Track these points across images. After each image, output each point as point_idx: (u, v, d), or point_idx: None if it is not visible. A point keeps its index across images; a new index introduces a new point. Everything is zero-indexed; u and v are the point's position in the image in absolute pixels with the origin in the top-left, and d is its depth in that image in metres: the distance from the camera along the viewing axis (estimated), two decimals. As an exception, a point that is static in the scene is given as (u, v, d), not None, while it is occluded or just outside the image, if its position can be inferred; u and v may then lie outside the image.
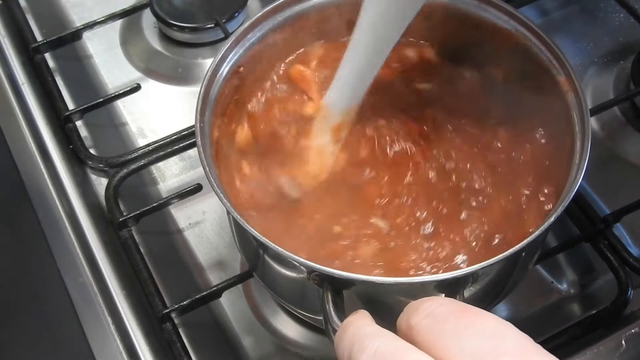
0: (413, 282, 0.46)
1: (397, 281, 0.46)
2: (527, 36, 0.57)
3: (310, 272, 0.46)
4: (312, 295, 0.51)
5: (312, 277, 0.47)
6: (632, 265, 0.63)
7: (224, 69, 0.57)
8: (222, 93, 0.56)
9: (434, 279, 0.46)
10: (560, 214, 0.47)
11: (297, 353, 0.65)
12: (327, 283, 0.46)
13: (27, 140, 0.70)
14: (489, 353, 0.35)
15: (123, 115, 0.79)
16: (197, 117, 0.53)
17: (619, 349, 0.57)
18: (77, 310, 0.59)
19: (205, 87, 0.55)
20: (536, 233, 0.46)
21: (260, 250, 0.53)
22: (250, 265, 0.58)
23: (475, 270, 0.45)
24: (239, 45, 0.58)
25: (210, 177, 0.49)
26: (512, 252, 0.45)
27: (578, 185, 0.49)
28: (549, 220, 0.47)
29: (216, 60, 0.56)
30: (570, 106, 0.54)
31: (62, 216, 0.65)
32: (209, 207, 0.72)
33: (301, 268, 0.47)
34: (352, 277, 0.45)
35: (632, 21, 0.80)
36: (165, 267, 0.67)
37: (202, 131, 0.53)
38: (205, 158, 0.51)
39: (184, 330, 0.62)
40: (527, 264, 0.57)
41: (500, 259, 0.45)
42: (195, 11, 0.82)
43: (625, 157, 0.75)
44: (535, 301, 0.67)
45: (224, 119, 0.57)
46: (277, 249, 0.46)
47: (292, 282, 0.53)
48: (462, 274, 0.45)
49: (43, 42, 0.78)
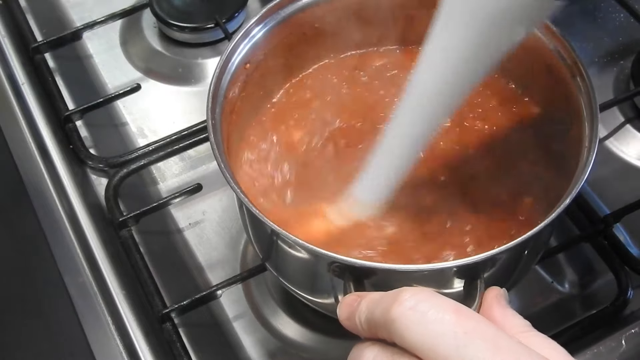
0: (434, 268, 0.46)
1: (418, 268, 0.46)
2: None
3: (330, 263, 0.46)
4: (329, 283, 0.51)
5: (333, 268, 0.47)
6: (632, 265, 0.63)
7: (232, 65, 0.57)
8: (231, 89, 0.56)
9: (455, 264, 0.45)
10: (575, 196, 0.47)
11: (297, 353, 0.65)
12: (348, 273, 0.46)
13: (27, 140, 0.70)
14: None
15: (123, 115, 0.79)
16: (209, 114, 0.53)
17: (619, 349, 0.57)
18: (77, 310, 0.59)
19: (214, 83, 0.55)
20: (555, 213, 0.46)
21: (276, 241, 0.53)
22: (263, 256, 0.58)
23: (495, 254, 0.45)
24: (247, 40, 0.58)
25: (226, 173, 0.49)
26: (531, 234, 0.45)
27: (590, 167, 0.49)
28: (565, 202, 0.47)
29: (225, 55, 0.56)
30: (577, 91, 0.54)
31: (62, 216, 0.65)
32: (209, 207, 0.72)
33: (321, 259, 0.47)
34: (373, 266, 0.45)
35: (632, 21, 0.79)
36: (165, 267, 0.67)
37: (214, 128, 0.53)
38: (220, 155, 0.51)
39: (184, 330, 0.62)
40: (531, 260, 0.57)
41: (521, 242, 0.45)
42: (195, 11, 0.82)
43: (625, 157, 0.75)
44: (535, 301, 0.67)
45: (233, 115, 0.57)
46: (299, 241, 0.46)
47: (307, 270, 0.53)
48: (481, 258, 0.45)
49: (43, 42, 0.78)
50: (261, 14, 0.58)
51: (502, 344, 0.36)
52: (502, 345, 0.36)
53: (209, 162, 0.75)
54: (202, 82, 0.81)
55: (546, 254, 0.64)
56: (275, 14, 0.59)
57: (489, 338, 0.36)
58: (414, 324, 0.36)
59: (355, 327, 0.41)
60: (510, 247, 0.45)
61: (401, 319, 0.37)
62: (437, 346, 0.36)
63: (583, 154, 0.51)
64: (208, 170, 0.74)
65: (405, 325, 0.36)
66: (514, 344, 0.37)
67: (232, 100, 0.57)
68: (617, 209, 0.65)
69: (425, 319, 0.36)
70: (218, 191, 0.73)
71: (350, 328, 0.42)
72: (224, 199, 0.72)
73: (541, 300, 0.67)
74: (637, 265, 0.63)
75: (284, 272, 0.56)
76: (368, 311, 0.40)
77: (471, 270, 0.46)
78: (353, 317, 0.41)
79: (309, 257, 0.50)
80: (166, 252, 0.70)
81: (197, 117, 0.73)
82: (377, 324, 0.39)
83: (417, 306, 0.37)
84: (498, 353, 0.35)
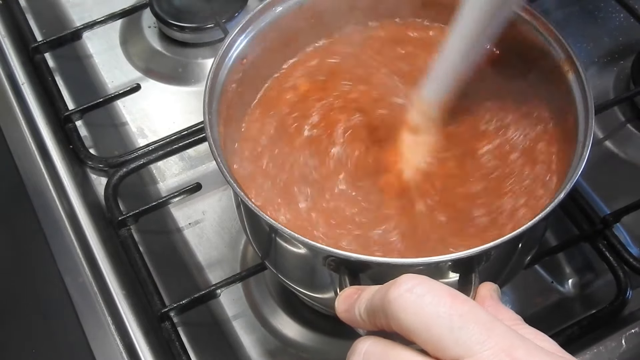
0: (429, 262, 0.46)
1: (413, 262, 0.46)
2: (524, 18, 0.57)
3: (326, 257, 0.47)
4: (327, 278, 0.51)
5: (328, 263, 0.47)
6: (632, 265, 0.63)
7: (229, 59, 0.57)
8: (228, 84, 0.57)
9: (449, 258, 0.45)
10: (569, 191, 0.47)
11: (297, 353, 0.65)
12: (343, 267, 0.46)
13: (27, 140, 0.70)
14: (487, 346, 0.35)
15: (123, 115, 0.79)
16: (205, 109, 0.53)
17: (619, 349, 0.57)
18: (77, 310, 0.59)
19: (211, 79, 0.55)
20: (550, 207, 0.46)
21: (273, 237, 0.53)
22: (262, 254, 0.58)
23: (489, 249, 0.45)
24: (244, 36, 0.58)
25: (223, 169, 0.49)
26: (525, 229, 0.46)
27: (585, 162, 0.49)
28: (560, 197, 0.47)
29: (222, 50, 0.56)
30: (572, 86, 0.54)
31: (62, 216, 0.65)
32: (208, 207, 0.72)
33: (317, 253, 0.47)
34: (368, 259, 0.45)
35: (632, 21, 0.80)
36: (165, 267, 0.67)
37: (211, 123, 0.53)
38: (216, 149, 0.51)
39: (184, 329, 0.62)
40: (524, 256, 0.57)
41: (515, 236, 0.45)
42: (195, 11, 0.83)
43: (625, 157, 0.75)
44: (534, 301, 0.67)
45: (230, 110, 0.57)
46: (295, 235, 0.46)
47: (306, 266, 0.53)
48: (476, 252, 0.45)
49: (43, 42, 0.78)
50: (258, 9, 0.59)
51: (495, 329, 0.36)
52: (495, 330, 0.36)
53: (209, 162, 0.75)
54: (202, 82, 0.81)
55: (546, 254, 0.64)
56: (272, 10, 0.59)
57: (483, 322, 0.36)
58: (410, 305, 0.37)
59: (354, 319, 0.42)
60: (505, 241, 0.45)
61: (398, 301, 0.37)
62: (431, 327, 0.36)
63: (578, 149, 0.51)
64: (208, 169, 0.74)
65: (401, 307, 0.37)
66: (507, 329, 0.37)
67: (228, 95, 0.57)
68: (617, 209, 0.65)
69: (421, 301, 0.37)
70: (217, 191, 0.73)
71: (348, 320, 0.43)
72: (224, 198, 0.72)
73: (541, 300, 0.67)
74: (636, 265, 0.63)
75: (282, 268, 0.56)
76: (367, 300, 0.41)
77: (466, 264, 0.46)
78: (352, 309, 0.42)
79: (305, 252, 0.50)
80: (166, 251, 0.70)
81: (196, 117, 0.73)
82: (375, 310, 0.39)
83: (414, 289, 0.37)
84: (492, 337, 0.36)
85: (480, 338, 0.36)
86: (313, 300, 0.58)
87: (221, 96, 0.56)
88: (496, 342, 0.36)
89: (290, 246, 0.51)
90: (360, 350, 0.39)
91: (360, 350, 0.39)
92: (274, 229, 0.48)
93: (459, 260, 0.45)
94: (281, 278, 0.57)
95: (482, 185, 0.55)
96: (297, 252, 0.51)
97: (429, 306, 0.37)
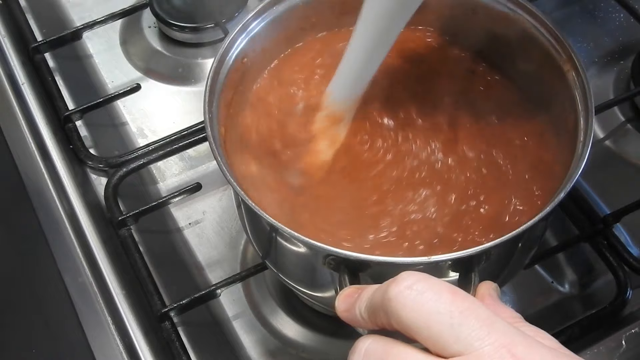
0: (429, 261, 0.46)
1: (412, 261, 0.46)
2: (525, 18, 0.57)
3: (326, 256, 0.47)
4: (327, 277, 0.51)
5: (328, 262, 0.47)
6: (632, 265, 0.63)
7: (230, 59, 0.57)
8: (228, 83, 0.57)
9: (449, 257, 0.45)
10: (569, 190, 0.47)
11: (297, 353, 0.65)
12: (343, 266, 0.46)
13: (27, 140, 0.70)
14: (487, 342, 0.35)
15: (123, 115, 0.79)
16: (206, 108, 0.53)
17: (619, 349, 0.57)
18: (77, 310, 0.59)
19: (211, 79, 0.55)
20: (550, 207, 0.46)
21: (274, 236, 0.53)
22: (262, 254, 0.58)
23: (489, 248, 0.45)
24: (244, 36, 0.58)
25: (223, 167, 0.49)
26: (525, 228, 0.46)
27: (585, 161, 0.49)
28: (559, 197, 0.47)
29: (222, 49, 0.56)
30: (572, 85, 0.54)
31: (62, 216, 0.65)
32: (208, 207, 0.72)
33: (317, 252, 0.47)
34: (368, 258, 0.45)
35: (632, 21, 0.80)
36: (165, 267, 0.67)
37: (212, 121, 0.53)
38: (217, 148, 0.51)
39: (184, 329, 0.62)
40: (524, 255, 0.57)
41: (515, 235, 0.45)
42: (195, 11, 0.83)
43: (625, 157, 0.75)
44: (535, 301, 0.67)
45: (230, 109, 0.57)
46: (294, 234, 0.46)
47: (306, 265, 0.53)
48: (476, 251, 0.45)
49: (43, 42, 0.78)
50: (258, 9, 0.59)
51: (496, 325, 0.36)
52: (496, 326, 0.36)
53: (209, 162, 0.75)
54: (202, 82, 0.81)
55: (546, 254, 0.64)
56: (272, 10, 0.59)
57: (483, 318, 0.37)
58: (411, 302, 0.37)
59: (354, 318, 0.42)
60: (505, 241, 0.45)
61: (398, 298, 0.37)
62: (432, 323, 0.36)
63: (578, 149, 0.51)
64: (208, 169, 0.74)
65: (402, 303, 0.37)
66: (507, 326, 0.37)
67: (228, 95, 0.57)
68: (617, 209, 0.65)
69: (421, 298, 0.37)
70: (218, 191, 0.73)
71: (349, 319, 0.43)
72: (224, 198, 0.72)
73: (541, 300, 0.67)
74: (636, 265, 0.63)
75: (283, 268, 0.56)
76: (368, 299, 0.41)
77: (466, 263, 0.46)
78: (353, 308, 0.42)
79: (305, 251, 0.50)
80: (166, 251, 0.70)
81: (196, 117, 0.73)
82: (375, 308, 0.39)
83: (414, 285, 0.37)
84: (492, 333, 0.36)
85: (480, 334, 0.36)
86: (313, 299, 0.58)
87: (221, 96, 0.56)
88: (496, 338, 0.36)
89: (290, 245, 0.51)
90: (361, 348, 0.39)
91: (361, 348, 0.39)
92: (274, 228, 0.48)
93: (459, 260, 0.45)
94: (281, 277, 0.57)
95: (482, 184, 0.55)
96: (297, 251, 0.51)
97: (429, 303, 0.37)
